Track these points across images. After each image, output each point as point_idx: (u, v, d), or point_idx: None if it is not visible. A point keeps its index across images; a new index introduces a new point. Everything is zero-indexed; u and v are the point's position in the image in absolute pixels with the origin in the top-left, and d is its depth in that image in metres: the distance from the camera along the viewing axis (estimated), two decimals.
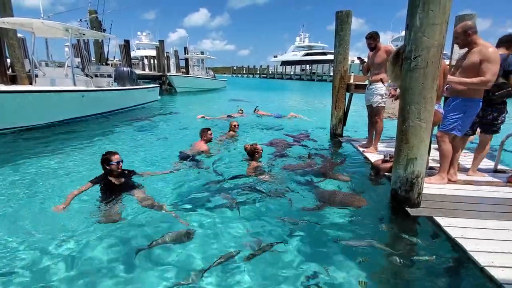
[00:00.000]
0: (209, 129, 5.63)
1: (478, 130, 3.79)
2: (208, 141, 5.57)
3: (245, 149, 4.78)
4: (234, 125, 6.72)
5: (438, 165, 3.68)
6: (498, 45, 3.52)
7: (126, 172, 3.70)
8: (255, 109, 10.85)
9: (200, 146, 5.36)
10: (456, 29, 3.21)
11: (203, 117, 9.50)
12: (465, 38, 3.13)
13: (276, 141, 6.39)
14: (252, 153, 4.63)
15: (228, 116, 9.70)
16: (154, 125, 8.79)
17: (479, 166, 3.94)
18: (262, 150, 4.69)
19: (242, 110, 10.31)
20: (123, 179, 3.58)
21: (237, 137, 6.61)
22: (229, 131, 6.71)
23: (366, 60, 5.24)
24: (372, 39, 4.84)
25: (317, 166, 4.74)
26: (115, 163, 3.46)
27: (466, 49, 3.27)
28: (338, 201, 3.40)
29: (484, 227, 2.63)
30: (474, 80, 3.09)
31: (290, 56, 70.99)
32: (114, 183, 3.49)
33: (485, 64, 3.02)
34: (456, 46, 5.49)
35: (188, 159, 4.86)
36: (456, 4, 2.60)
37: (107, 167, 3.47)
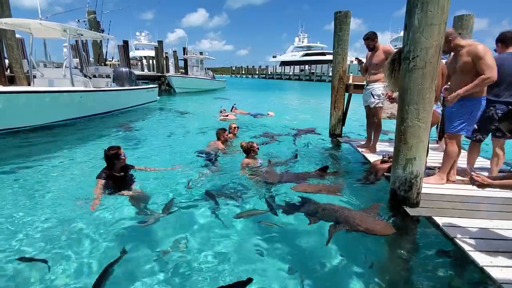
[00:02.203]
0: (225, 130, 5.81)
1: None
2: (225, 141, 5.75)
3: (241, 146, 4.80)
4: (234, 127, 6.54)
5: (436, 165, 3.69)
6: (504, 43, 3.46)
7: (127, 165, 3.94)
8: (232, 107, 11.02)
9: (217, 145, 5.58)
10: None
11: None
12: (448, 45, 3.21)
13: (266, 135, 6.64)
14: (248, 151, 4.66)
15: (226, 115, 9.79)
16: (153, 125, 8.80)
17: (476, 166, 3.95)
18: (258, 149, 4.70)
19: (225, 110, 10.38)
20: (123, 173, 3.77)
21: (236, 139, 6.36)
22: (228, 134, 6.39)
23: (364, 60, 5.24)
24: (370, 39, 4.83)
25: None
26: (123, 157, 3.71)
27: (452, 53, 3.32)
28: (358, 226, 2.79)
29: (483, 226, 2.63)
30: (477, 81, 3.09)
31: (289, 56, 71.00)
32: (118, 176, 3.66)
33: (479, 62, 3.04)
34: None
35: (207, 158, 5.05)
36: (451, 3, 2.60)
37: (116, 161, 3.64)
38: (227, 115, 9.99)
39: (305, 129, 8.04)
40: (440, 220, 2.74)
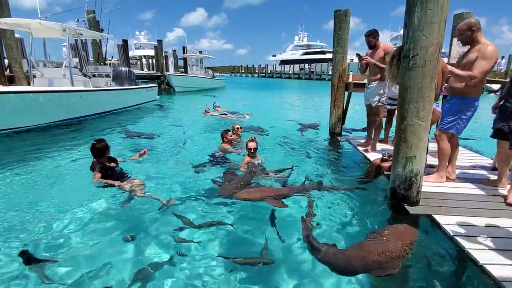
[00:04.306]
0: (228, 130, 5.70)
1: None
2: (229, 142, 5.63)
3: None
4: (237, 128, 6.31)
5: (436, 163, 3.69)
6: None
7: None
8: (214, 105, 11.29)
9: (223, 147, 5.52)
10: (460, 25, 3.18)
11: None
12: (470, 35, 3.11)
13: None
14: (247, 146, 4.71)
15: (225, 114, 9.87)
16: (152, 124, 8.79)
17: (477, 164, 3.96)
18: (254, 149, 4.65)
19: (209, 109, 10.46)
20: (113, 163, 4.02)
21: (240, 142, 6.06)
22: (232, 135, 6.14)
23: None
24: (372, 36, 4.82)
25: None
26: (110, 147, 3.99)
27: (466, 48, 3.27)
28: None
29: (483, 224, 2.64)
30: (463, 73, 3.11)
31: (289, 55, 70.90)
32: (112, 166, 3.91)
33: (478, 60, 3.04)
34: (454, 46, 5.51)
35: (213, 160, 5.02)
36: (450, 2, 2.60)
37: (107, 152, 3.90)
38: (226, 114, 10.05)
39: (308, 124, 8.48)
40: (440, 218, 2.75)
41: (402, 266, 2.32)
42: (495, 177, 3.53)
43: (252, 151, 4.63)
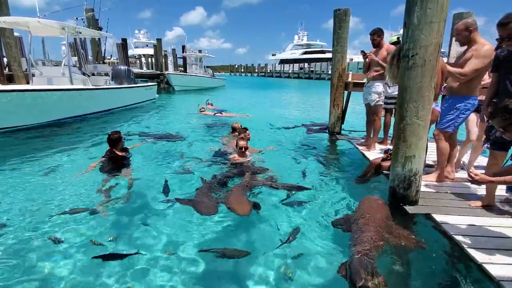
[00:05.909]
0: (246, 129, 5.67)
1: None
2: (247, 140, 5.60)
3: None
4: (238, 127, 6.22)
5: (436, 163, 3.69)
6: None
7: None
8: (207, 102, 11.66)
9: (234, 144, 5.44)
10: (457, 25, 3.20)
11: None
12: (467, 35, 3.12)
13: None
14: (237, 144, 4.71)
15: (218, 113, 9.97)
16: (150, 123, 8.79)
17: (476, 164, 3.96)
18: (243, 148, 4.59)
19: (204, 108, 10.48)
20: (124, 153, 4.45)
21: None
22: (231, 134, 6.30)
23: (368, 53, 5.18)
24: (376, 35, 4.82)
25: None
26: (124, 139, 4.48)
27: (465, 48, 3.27)
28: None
29: (482, 224, 2.64)
30: (454, 69, 3.13)
31: (288, 54, 70.97)
32: (120, 155, 4.32)
33: (472, 59, 3.05)
34: (453, 45, 5.51)
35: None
36: (450, 2, 2.60)
37: (119, 143, 4.36)
38: (221, 113, 10.11)
39: (312, 123, 8.53)
40: (439, 218, 2.75)
41: (400, 265, 2.33)
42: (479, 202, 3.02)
43: (243, 150, 4.60)
